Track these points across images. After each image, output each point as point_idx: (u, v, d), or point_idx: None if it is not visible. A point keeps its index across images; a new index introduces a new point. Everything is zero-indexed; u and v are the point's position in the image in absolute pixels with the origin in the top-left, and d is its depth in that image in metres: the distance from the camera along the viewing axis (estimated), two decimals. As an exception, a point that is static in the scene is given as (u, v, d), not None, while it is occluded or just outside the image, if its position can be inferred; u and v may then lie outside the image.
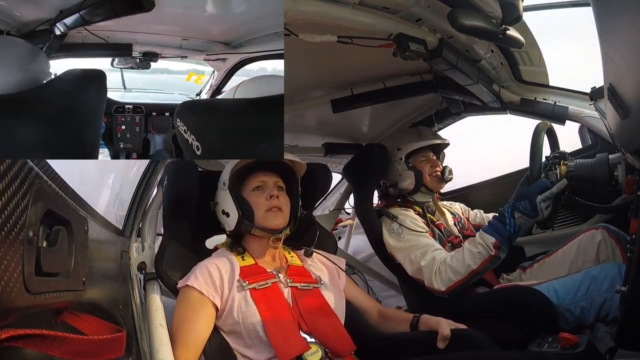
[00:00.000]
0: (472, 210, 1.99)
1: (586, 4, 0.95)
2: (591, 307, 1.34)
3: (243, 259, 1.25)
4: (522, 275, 1.72)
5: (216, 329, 1.16)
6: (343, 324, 1.25)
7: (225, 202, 1.29)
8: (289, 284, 1.23)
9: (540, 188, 1.33)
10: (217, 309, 1.15)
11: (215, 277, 1.17)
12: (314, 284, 1.27)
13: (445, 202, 1.93)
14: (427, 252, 1.56)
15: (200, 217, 1.37)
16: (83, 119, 0.95)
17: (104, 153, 1.62)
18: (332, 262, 1.39)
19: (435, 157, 1.83)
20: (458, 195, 2.35)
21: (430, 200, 1.82)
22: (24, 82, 1.05)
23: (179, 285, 1.20)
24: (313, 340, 1.14)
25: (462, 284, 1.47)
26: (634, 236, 0.98)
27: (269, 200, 1.25)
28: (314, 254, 1.38)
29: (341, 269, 1.40)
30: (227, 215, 1.28)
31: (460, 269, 1.46)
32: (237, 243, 1.30)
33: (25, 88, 1.01)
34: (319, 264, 1.37)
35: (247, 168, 1.30)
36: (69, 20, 1.28)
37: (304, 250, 1.35)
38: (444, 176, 1.80)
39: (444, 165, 1.84)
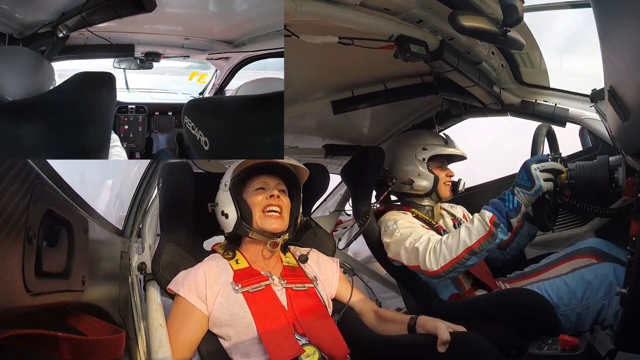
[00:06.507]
0: None
1: (586, 5, 0.95)
2: (588, 314, 1.33)
3: (237, 262, 1.24)
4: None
5: (211, 332, 1.16)
6: None
7: (225, 202, 1.28)
8: (284, 286, 1.23)
9: (537, 158, 1.33)
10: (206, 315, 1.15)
11: (201, 284, 1.17)
12: (309, 284, 1.27)
13: (445, 205, 1.92)
14: (422, 235, 1.52)
15: (197, 219, 1.37)
16: (93, 121, 0.96)
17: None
18: (331, 260, 1.39)
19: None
20: (458, 196, 2.34)
21: (432, 206, 1.81)
22: (31, 90, 1.07)
23: (167, 288, 1.21)
24: (308, 342, 1.13)
25: (457, 263, 1.38)
26: (634, 238, 0.98)
27: (269, 199, 1.25)
28: (310, 254, 1.37)
29: (344, 268, 1.40)
30: (227, 216, 1.27)
31: (454, 246, 1.39)
32: (232, 246, 1.30)
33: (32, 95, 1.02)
34: (312, 267, 1.35)
35: (250, 170, 1.30)
36: (71, 22, 1.29)
37: (299, 255, 1.34)
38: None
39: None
